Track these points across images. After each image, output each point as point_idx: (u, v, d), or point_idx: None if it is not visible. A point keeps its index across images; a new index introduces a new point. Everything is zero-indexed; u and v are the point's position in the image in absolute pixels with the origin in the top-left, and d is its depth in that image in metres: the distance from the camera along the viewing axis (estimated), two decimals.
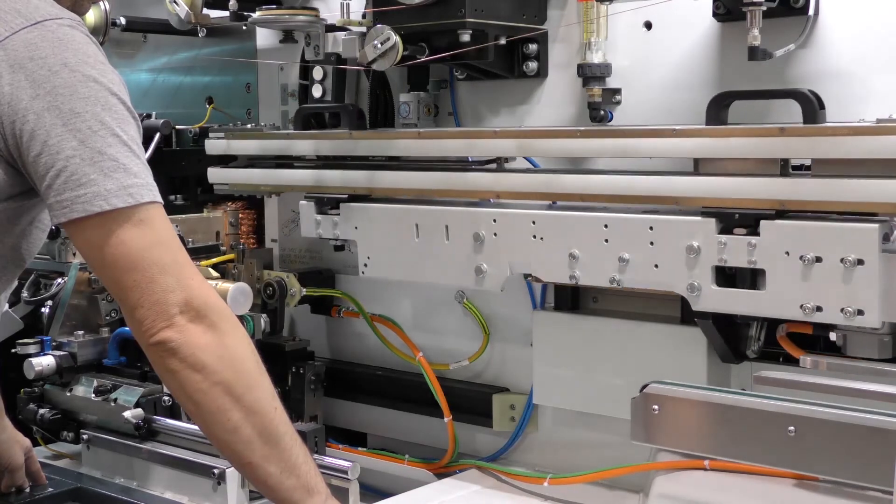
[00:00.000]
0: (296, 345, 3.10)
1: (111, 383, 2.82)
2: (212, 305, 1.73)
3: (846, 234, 2.04)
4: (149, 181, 1.75)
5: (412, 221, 2.65)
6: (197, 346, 1.69)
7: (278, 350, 3.06)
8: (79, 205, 1.69)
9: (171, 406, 2.74)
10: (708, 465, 2.27)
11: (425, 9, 2.49)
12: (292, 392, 3.06)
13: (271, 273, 3.08)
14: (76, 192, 1.69)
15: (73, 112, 1.71)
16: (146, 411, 2.71)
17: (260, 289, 3.05)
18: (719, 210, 2.19)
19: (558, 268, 2.41)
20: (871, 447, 1.96)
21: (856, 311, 2.03)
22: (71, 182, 1.69)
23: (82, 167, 1.69)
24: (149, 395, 2.75)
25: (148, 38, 3.68)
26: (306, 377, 3.05)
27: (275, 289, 3.02)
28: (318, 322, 3.26)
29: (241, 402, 1.73)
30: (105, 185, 1.69)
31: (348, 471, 2.37)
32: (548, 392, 2.68)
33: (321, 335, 3.27)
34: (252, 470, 1.77)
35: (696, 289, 2.22)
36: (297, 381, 3.06)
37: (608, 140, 2.34)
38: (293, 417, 2.91)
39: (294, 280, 3.03)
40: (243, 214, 3.37)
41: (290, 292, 3.03)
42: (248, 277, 3.07)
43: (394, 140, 2.70)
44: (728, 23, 2.38)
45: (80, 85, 1.73)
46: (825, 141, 2.05)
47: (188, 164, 3.28)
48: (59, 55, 1.74)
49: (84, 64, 1.76)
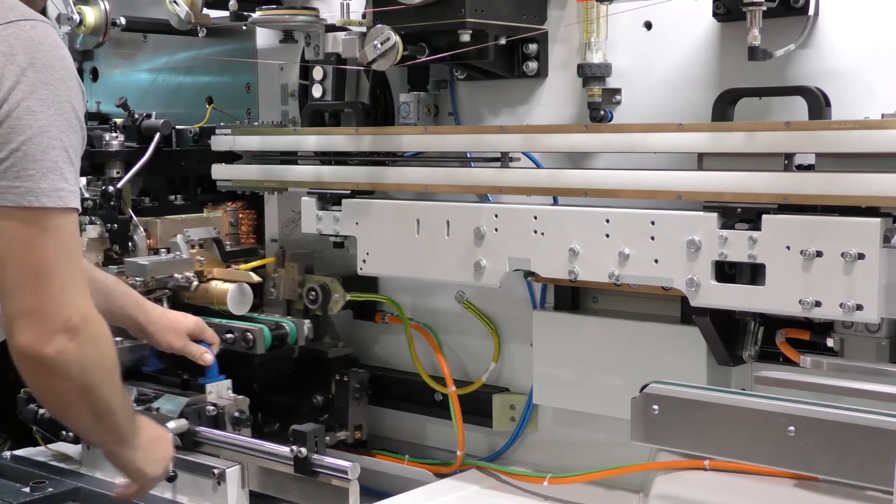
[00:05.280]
0: (339, 351, 3.04)
1: (153, 392, 2.77)
2: (89, 319, 1.90)
3: (848, 228, 2.05)
4: (75, 189, 1.87)
5: (414, 217, 2.65)
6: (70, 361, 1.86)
7: (321, 357, 3.01)
8: (11, 195, 1.79)
9: (216, 416, 2.69)
10: (708, 465, 2.27)
11: (425, 9, 2.49)
12: (336, 400, 3.00)
13: (313, 277, 3.01)
14: (12, 182, 1.79)
15: (28, 109, 1.80)
16: (190, 421, 2.64)
17: (302, 293, 2.99)
18: (721, 204, 2.20)
19: (557, 263, 2.42)
20: (871, 447, 1.96)
21: (855, 306, 2.04)
22: (10, 173, 1.79)
23: (23, 161, 1.79)
24: (192, 404, 2.69)
25: (148, 38, 3.68)
26: (350, 385, 2.98)
27: (318, 294, 2.96)
28: (361, 328, 3.16)
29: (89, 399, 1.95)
30: (40, 184, 1.80)
31: (348, 471, 2.37)
32: (548, 392, 2.68)
33: (364, 341, 3.17)
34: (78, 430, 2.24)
35: (695, 283, 2.22)
36: (340, 390, 3.00)
37: (614, 135, 2.35)
38: (337, 426, 2.96)
39: (338, 285, 2.97)
40: (243, 214, 3.36)
41: (334, 297, 2.97)
42: (288, 282, 3.04)
43: (400, 136, 2.71)
44: (728, 23, 2.38)
45: (40, 86, 1.81)
46: (830, 135, 2.06)
47: (188, 164, 3.27)
48: (28, 54, 1.81)
49: (49, 67, 1.83)
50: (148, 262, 2.94)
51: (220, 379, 2.77)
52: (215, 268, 3.07)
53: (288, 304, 3.11)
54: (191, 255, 3.02)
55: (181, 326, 2.70)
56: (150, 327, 2.65)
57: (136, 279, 2.92)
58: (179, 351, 2.70)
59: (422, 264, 2.66)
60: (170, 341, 2.68)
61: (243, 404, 2.76)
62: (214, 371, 2.75)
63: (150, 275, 2.93)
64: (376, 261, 2.75)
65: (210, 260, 3.08)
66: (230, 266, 3.10)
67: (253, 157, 3.04)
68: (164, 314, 2.71)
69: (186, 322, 2.72)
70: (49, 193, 1.80)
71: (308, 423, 2.70)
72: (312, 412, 3.00)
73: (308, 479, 2.43)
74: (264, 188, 3.10)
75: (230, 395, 2.77)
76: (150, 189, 3.28)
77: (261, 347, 2.86)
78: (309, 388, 3.04)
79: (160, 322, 2.67)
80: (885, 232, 2.04)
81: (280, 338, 2.91)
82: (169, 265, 2.98)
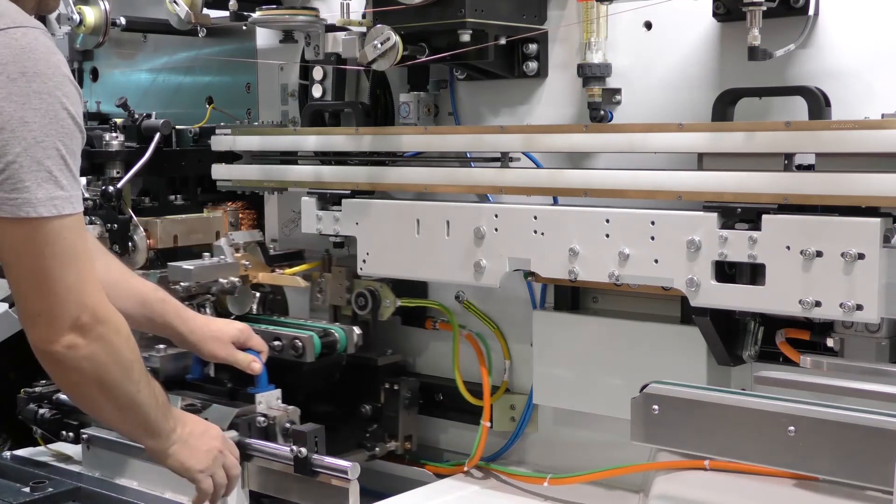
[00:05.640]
0: (389, 359, 2.95)
1: (200, 402, 2.64)
2: (100, 318, 1.95)
3: (848, 228, 2.05)
4: (73, 194, 1.89)
5: (414, 217, 2.66)
6: (81, 356, 1.93)
7: (370, 365, 2.91)
8: (8, 206, 1.83)
9: (266, 428, 2.57)
10: (708, 465, 2.27)
11: (425, 9, 2.49)
12: (385, 410, 2.91)
13: (362, 282, 2.91)
14: (10, 194, 1.82)
15: (22, 120, 1.81)
16: (241, 433, 2.52)
17: (350, 299, 2.91)
18: (721, 204, 2.20)
19: (557, 263, 2.42)
20: (871, 447, 1.96)
21: (855, 306, 2.04)
22: (6, 184, 1.82)
23: (20, 173, 1.82)
24: (242, 415, 2.56)
25: (148, 38, 3.68)
26: (400, 394, 2.88)
27: (367, 299, 2.88)
28: (410, 334, 3.06)
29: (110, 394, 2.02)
30: (36, 194, 1.83)
31: (348, 471, 2.37)
32: (548, 392, 2.68)
33: (414, 349, 3.07)
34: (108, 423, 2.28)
35: (695, 283, 2.22)
36: (390, 399, 2.90)
37: (614, 135, 2.36)
38: (386, 437, 2.87)
39: (388, 290, 2.87)
40: (243, 214, 3.36)
41: (384, 303, 2.88)
42: (335, 287, 2.97)
43: (400, 136, 2.71)
44: (728, 23, 2.38)
45: (33, 96, 1.82)
46: (830, 135, 2.06)
47: (188, 164, 3.27)
48: (19, 64, 1.82)
49: (41, 75, 1.84)
50: (193, 266, 2.86)
51: (270, 388, 2.64)
52: (260, 272, 3.00)
53: (334, 309, 3.03)
54: (235, 259, 2.95)
55: (224, 335, 2.60)
56: (192, 337, 2.56)
57: (180, 284, 2.84)
58: (224, 360, 2.60)
59: (422, 264, 2.66)
60: (213, 350, 2.59)
61: (294, 415, 2.60)
62: (264, 380, 2.62)
63: (195, 279, 2.85)
64: (376, 261, 2.75)
65: (255, 264, 3.01)
66: (274, 270, 3.03)
67: (253, 157, 3.04)
68: (206, 323, 2.62)
69: (230, 330, 2.62)
70: (45, 203, 1.84)
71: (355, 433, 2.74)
72: (359, 422, 2.92)
73: (308, 479, 2.43)
74: (264, 188, 3.10)
75: (280, 405, 2.63)
76: (150, 189, 3.28)
77: (310, 355, 2.73)
78: (356, 397, 2.94)
79: (202, 331, 2.58)
80: (885, 232, 2.04)
81: (329, 345, 2.77)
82: (214, 269, 2.90)
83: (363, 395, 2.94)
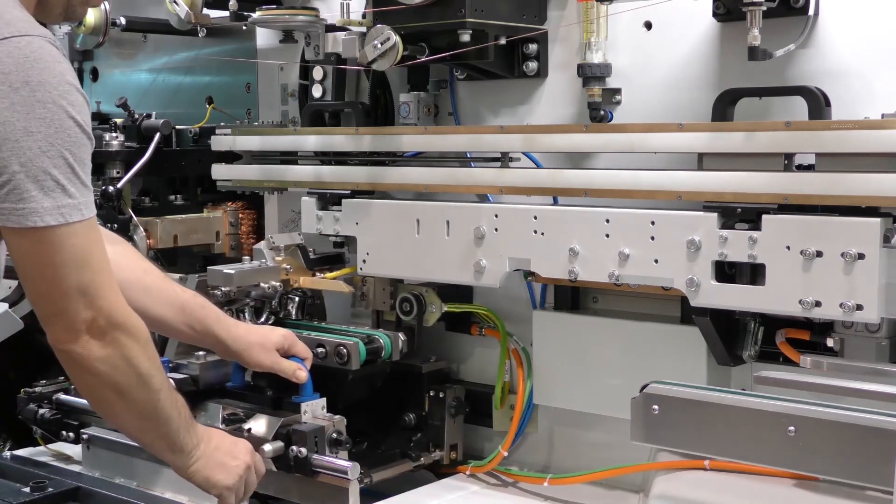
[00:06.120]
0: (433, 366, 2.84)
1: (243, 411, 2.55)
2: (115, 322, 1.93)
3: (848, 228, 2.05)
4: (82, 200, 1.87)
5: (414, 217, 2.65)
6: (96, 358, 1.93)
7: (414, 372, 2.81)
8: (15, 216, 1.81)
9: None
10: (708, 465, 2.27)
11: (425, 9, 2.49)
12: (430, 418, 2.81)
13: (406, 287, 2.83)
14: (16, 204, 1.81)
15: (26, 130, 1.80)
16: (286, 443, 2.44)
17: (394, 304, 2.83)
18: (721, 204, 2.20)
19: (557, 263, 2.42)
20: (871, 447, 1.96)
21: (854, 306, 2.04)
22: (13, 195, 1.80)
23: (25, 183, 1.80)
24: (287, 425, 2.46)
25: (148, 38, 3.68)
26: (446, 402, 2.79)
27: (412, 304, 2.79)
28: (454, 340, 2.96)
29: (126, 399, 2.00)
30: (42, 203, 1.82)
31: (348, 471, 2.37)
32: (548, 392, 2.68)
33: (459, 355, 2.98)
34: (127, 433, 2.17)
35: (695, 283, 2.22)
36: (435, 407, 2.81)
37: (614, 135, 2.36)
38: (430, 446, 2.79)
39: (433, 295, 2.78)
40: (243, 214, 3.36)
41: (430, 309, 2.79)
42: (378, 291, 2.89)
43: (400, 136, 2.71)
44: (728, 23, 2.38)
45: (37, 105, 1.80)
46: (830, 135, 2.06)
47: (188, 164, 3.27)
48: (23, 73, 1.80)
49: (46, 84, 1.82)
50: (234, 270, 2.78)
51: (315, 397, 2.53)
52: (301, 276, 2.91)
53: (377, 314, 2.95)
54: (276, 263, 2.87)
55: (268, 342, 2.51)
56: (235, 345, 2.47)
57: (219, 289, 2.76)
58: (269, 368, 2.51)
59: (422, 264, 2.66)
60: (258, 358, 2.49)
61: (341, 425, 2.49)
62: (308, 388, 2.52)
63: (236, 284, 2.76)
64: (376, 261, 2.75)
65: (296, 268, 2.91)
66: (315, 274, 2.94)
67: (253, 157, 3.04)
68: (249, 330, 2.54)
69: (274, 337, 2.53)
70: (52, 212, 1.82)
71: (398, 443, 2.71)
72: (403, 431, 2.84)
73: (308, 479, 2.43)
74: (264, 188, 3.10)
75: (326, 414, 2.53)
76: (150, 189, 3.29)
77: (356, 363, 2.62)
78: (399, 405, 2.85)
79: (245, 339, 2.49)
80: (885, 232, 2.04)
81: (374, 352, 2.66)
82: (255, 274, 2.81)
83: (407, 404, 2.85)
